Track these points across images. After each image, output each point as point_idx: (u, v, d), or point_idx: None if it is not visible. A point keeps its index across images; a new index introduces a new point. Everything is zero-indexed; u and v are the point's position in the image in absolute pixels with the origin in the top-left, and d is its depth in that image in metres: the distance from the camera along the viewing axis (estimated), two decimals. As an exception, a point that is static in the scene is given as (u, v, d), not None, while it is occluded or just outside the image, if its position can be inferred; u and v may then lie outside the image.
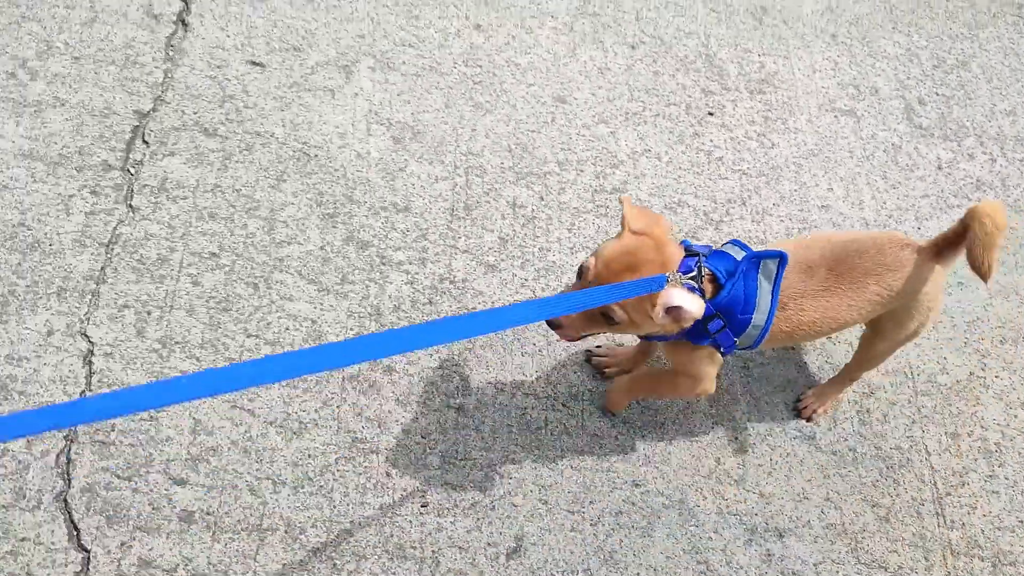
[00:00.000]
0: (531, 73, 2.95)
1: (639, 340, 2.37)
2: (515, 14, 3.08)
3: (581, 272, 1.91)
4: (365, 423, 2.23)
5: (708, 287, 1.93)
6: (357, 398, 2.25)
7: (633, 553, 2.17)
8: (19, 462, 2.03)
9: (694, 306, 1.81)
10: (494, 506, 2.18)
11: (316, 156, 2.59)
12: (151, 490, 2.06)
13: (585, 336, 2.02)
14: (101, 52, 2.63)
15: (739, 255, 1.99)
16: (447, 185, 2.63)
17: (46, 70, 2.56)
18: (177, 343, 2.23)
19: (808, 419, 2.47)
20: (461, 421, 2.27)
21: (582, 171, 2.75)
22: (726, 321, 1.96)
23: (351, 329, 2.34)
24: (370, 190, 2.57)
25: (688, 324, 1.88)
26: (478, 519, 2.16)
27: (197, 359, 2.22)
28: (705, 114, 2.99)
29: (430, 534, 2.12)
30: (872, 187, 2.94)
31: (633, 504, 2.24)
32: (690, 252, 1.96)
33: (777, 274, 1.96)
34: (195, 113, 2.59)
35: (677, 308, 1.81)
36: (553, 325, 1.95)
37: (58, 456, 2.05)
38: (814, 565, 2.22)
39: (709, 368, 2.12)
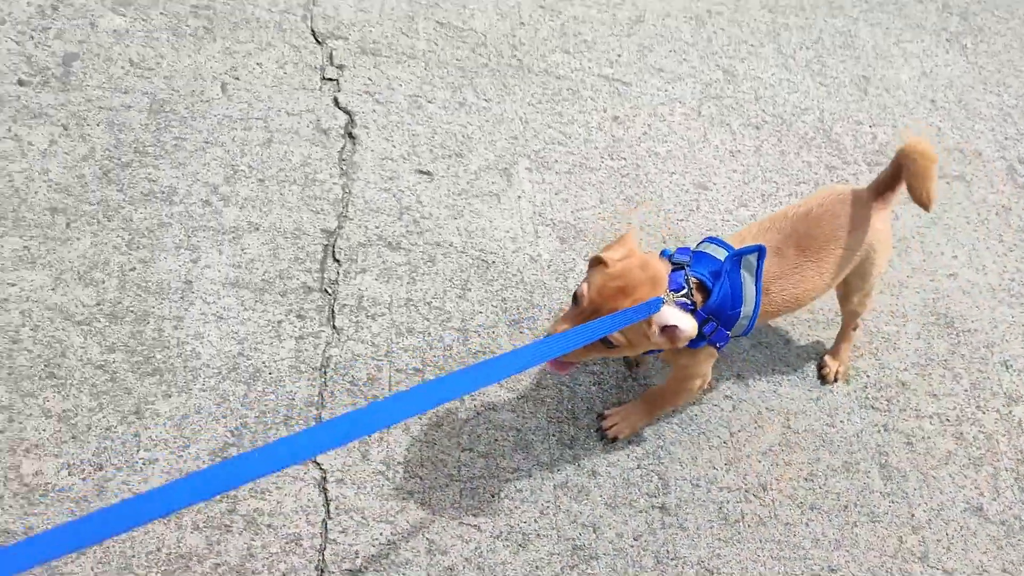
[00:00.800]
0: (671, 161, 2.87)
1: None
2: (646, 103, 3.00)
3: (576, 298, 1.87)
4: (581, 529, 2.17)
5: (698, 296, 1.91)
6: (570, 505, 2.19)
7: (842, 640, 2.13)
8: (279, 597, 1.97)
9: (688, 326, 1.80)
10: (710, 603, 2.13)
11: (494, 263, 2.52)
12: (401, 614, 2.00)
13: (582, 363, 1.99)
14: (282, 172, 2.55)
15: (719, 253, 1.97)
16: (616, 282, 2.56)
17: (236, 195, 2.48)
18: (399, 463, 2.17)
19: (834, 381, 2.50)
20: (667, 520, 2.22)
21: (733, 257, 2.69)
22: (718, 321, 1.93)
23: (553, 436, 2.28)
24: (547, 292, 2.50)
25: (684, 343, 1.85)
26: (698, 617, 2.11)
27: (420, 478, 2.16)
28: (832, 190, 2.92)
29: (658, 636, 2.08)
30: (991, 251, 2.88)
31: (833, 590, 2.19)
32: (674, 265, 1.93)
33: (758, 267, 1.95)
34: (377, 227, 2.51)
35: (672, 327, 1.79)
36: None
37: (313, 587, 1.99)
38: (1004, 638, 2.18)
39: (708, 365, 2.12)
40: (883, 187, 2.13)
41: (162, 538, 1.97)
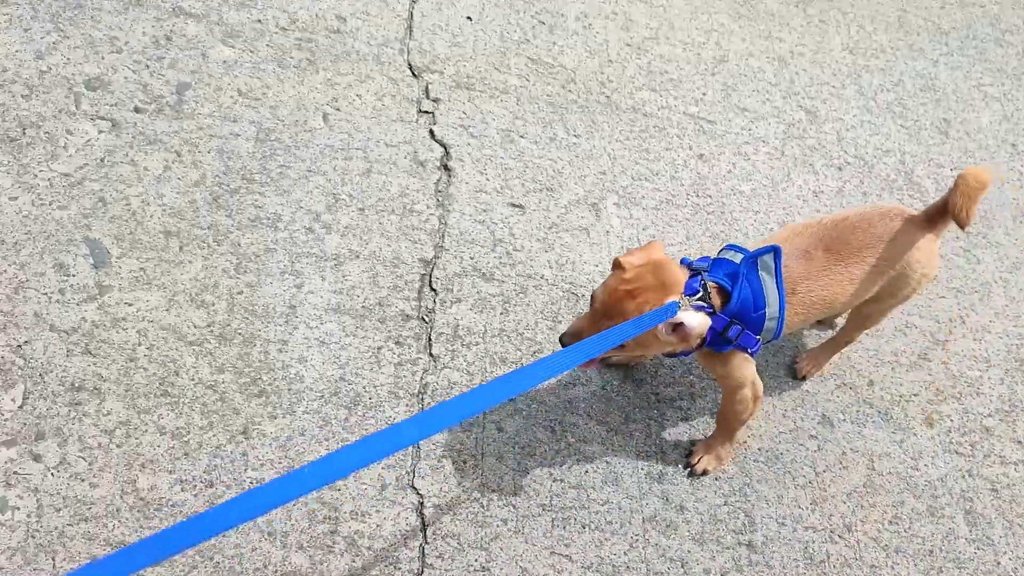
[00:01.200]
0: (755, 200, 2.86)
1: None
2: (731, 141, 3.00)
3: (592, 300, 1.91)
4: (670, 564, 2.16)
5: (717, 300, 1.90)
6: (659, 539, 2.19)
7: None
8: (378, 618, 1.99)
9: (696, 322, 1.78)
10: (797, 643, 2.11)
11: (583, 296, 2.53)
12: (496, 641, 2.01)
13: (601, 360, 2.05)
14: (381, 202, 2.58)
15: (737, 258, 1.95)
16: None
17: (337, 223, 2.52)
18: (493, 491, 2.18)
19: (803, 378, 2.48)
20: (753, 558, 2.20)
21: (817, 297, 2.67)
22: (742, 324, 1.91)
23: (642, 470, 2.27)
24: (635, 327, 2.50)
25: (696, 340, 1.84)
26: (785, 657, 2.09)
27: (514, 507, 2.17)
28: (914, 233, 2.89)
29: (746, 675, 2.06)
30: (1075, 299, 2.83)
31: (919, 636, 2.15)
32: (692, 271, 1.92)
33: (776, 267, 1.93)
34: (472, 258, 2.54)
35: (680, 325, 1.77)
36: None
37: (411, 611, 2.01)
38: None
39: (749, 370, 2.08)
40: (936, 213, 2.09)
41: (268, 556, 2.00)
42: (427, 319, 2.40)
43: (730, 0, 3.42)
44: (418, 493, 2.15)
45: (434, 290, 2.45)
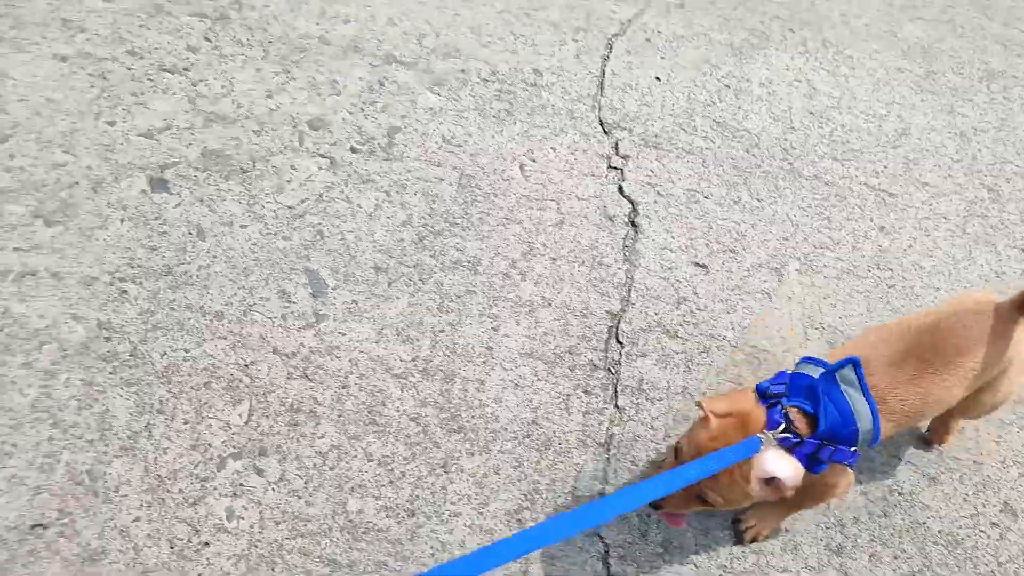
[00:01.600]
0: (936, 277, 2.82)
1: None
2: (912, 215, 2.96)
3: (677, 452, 1.83)
4: (848, 639, 2.13)
5: (803, 426, 1.78)
6: (837, 613, 2.16)
7: None
8: (565, 661, 2.02)
9: (790, 473, 1.68)
10: None
11: (765, 360, 2.53)
12: None
13: (689, 514, 1.95)
14: (572, 253, 2.65)
15: (816, 373, 1.84)
16: (883, 394, 2.52)
17: (531, 270, 2.60)
18: (675, 547, 2.20)
19: (939, 444, 2.41)
20: (933, 643, 2.15)
21: (999, 382, 2.60)
22: (835, 444, 1.79)
23: (821, 541, 2.25)
24: (815, 396, 2.49)
25: (791, 491, 1.73)
26: None
27: (695, 565, 2.18)
28: (1101, 323, 2.79)
29: None
30: None
31: None
32: (771, 397, 1.81)
33: (859, 377, 1.80)
34: (656, 314, 2.57)
35: (773, 479, 1.66)
36: (655, 507, 1.88)
37: (595, 657, 2.04)
38: None
39: (847, 477, 1.98)
40: None
41: (465, 588, 2.07)
42: (613, 370, 2.45)
43: (913, 73, 3.38)
44: (604, 543, 2.19)
45: (620, 343, 2.50)
